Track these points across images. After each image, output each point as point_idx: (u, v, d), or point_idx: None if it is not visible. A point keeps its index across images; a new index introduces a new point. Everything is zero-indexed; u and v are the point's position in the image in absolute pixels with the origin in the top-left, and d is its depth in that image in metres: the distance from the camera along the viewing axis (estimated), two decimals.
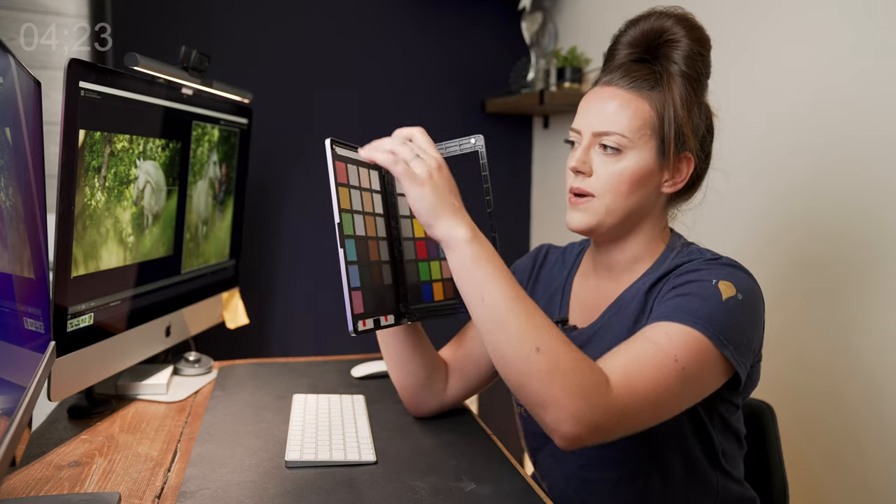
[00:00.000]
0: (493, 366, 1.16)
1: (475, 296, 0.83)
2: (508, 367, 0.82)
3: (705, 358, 0.85)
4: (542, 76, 2.08)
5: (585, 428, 0.79)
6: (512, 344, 0.81)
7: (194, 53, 1.33)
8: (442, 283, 1.07)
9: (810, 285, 1.35)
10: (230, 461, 0.98)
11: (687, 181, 0.98)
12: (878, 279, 1.22)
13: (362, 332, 0.89)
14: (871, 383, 1.23)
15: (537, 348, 0.79)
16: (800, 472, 1.32)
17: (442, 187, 0.86)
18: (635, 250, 1.00)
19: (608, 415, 0.80)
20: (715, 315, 0.86)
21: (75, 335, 1.07)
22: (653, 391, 0.82)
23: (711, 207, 1.05)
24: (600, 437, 0.81)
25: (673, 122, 0.94)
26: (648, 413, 0.84)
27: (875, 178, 1.22)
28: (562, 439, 0.80)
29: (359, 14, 2.09)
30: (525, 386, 0.80)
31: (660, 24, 0.96)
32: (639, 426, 0.85)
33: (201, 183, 1.45)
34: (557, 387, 0.78)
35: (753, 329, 0.90)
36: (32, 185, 0.88)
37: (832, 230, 1.30)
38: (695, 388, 0.87)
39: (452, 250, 0.85)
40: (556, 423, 0.79)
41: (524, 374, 0.80)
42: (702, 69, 0.96)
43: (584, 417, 0.78)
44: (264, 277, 2.07)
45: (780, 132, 1.41)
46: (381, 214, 0.98)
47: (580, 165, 0.96)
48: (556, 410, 0.79)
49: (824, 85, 1.31)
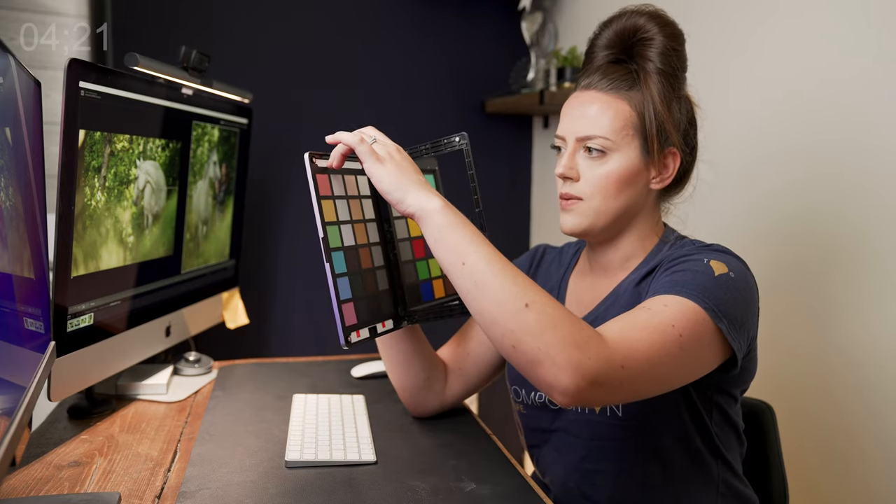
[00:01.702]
0: (492, 365, 1.16)
1: (455, 262, 0.81)
2: (497, 327, 0.78)
3: (702, 329, 0.84)
4: (542, 76, 2.08)
5: (584, 379, 0.75)
6: (499, 303, 0.78)
7: (194, 53, 1.33)
8: (442, 279, 1.07)
9: (804, 280, 1.35)
10: (230, 461, 0.98)
11: (675, 175, 1.00)
12: (875, 276, 1.22)
13: (356, 342, 0.88)
14: (868, 381, 1.23)
15: (525, 304, 0.77)
16: (797, 470, 1.32)
17: (405, 165, 0.87)
18: (629, 248, 1.02)
19: (607, 367, 0.76)
20: (708, 288, 0.86)
21: (75, 335, 1.07)
22: (652, 353, 0.80)
23: (703, 200, 1.06)
24: (603, 394, 0.78)
25: (654, 120, 0.96)
26: (649, 376, 0.81)
27: (869, 175, 1.22)
28: (562, 395, 0.76)
29: (359, 14, 2.09)
30: (517, 346, 0.77)
31: (632, 23, 0.98)
32: (640, 391, 0.82)
33: (201, 183, 1.45)
34: (550, 337, 0.75)
35: (746, 308, 0.90)
36: (32, 185, 0.88)
37: (831, 228, 1.30)
38: (692, 359, 0.85)
39: (426, 221, 0.83)
40: (554, 376, 0.75)
41: (515, 332, 0.77)
42: (677, 64, 0.97)
43: (581, 366, 0.75)
44: (264, 277, 2.07)
45: (778, 132, 1.41)
46: (372, 220, 0.98)
47: (567, 171, 0.98)
48: (552, 364, 0.75)
49: (821, 79, 1.31)
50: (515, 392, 1.09)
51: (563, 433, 1.02)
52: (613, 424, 0.97)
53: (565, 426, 1.02)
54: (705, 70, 1.50)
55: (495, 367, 1.17)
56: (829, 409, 1.30)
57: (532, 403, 1.05)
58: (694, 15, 1.59)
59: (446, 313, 1.02)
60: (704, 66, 0.95)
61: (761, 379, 1.06)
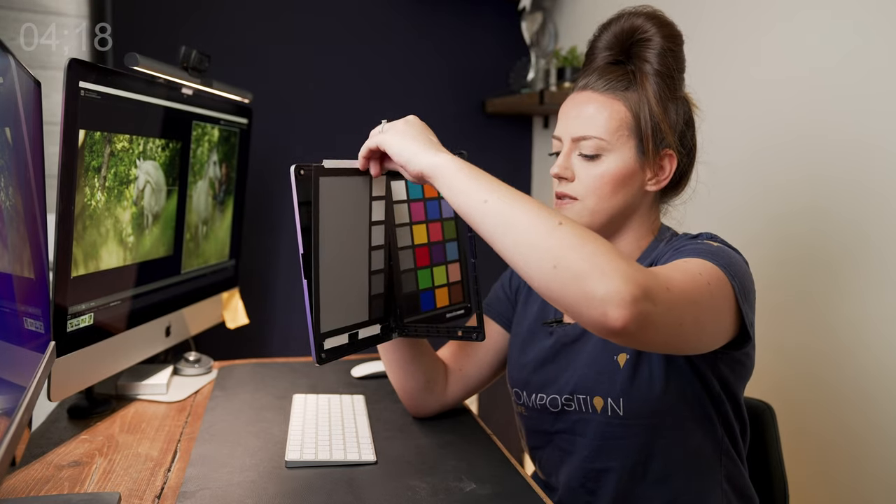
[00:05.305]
0: (493, 366, 1.16)
1: (476, 203, 0.77)
2: (534, 250, 0.73)
3: (723, 284, 0.83)
4: (542, 76, 2.08)
5: (637, 286, 0.69)
6: (531, 226, 0.74)
7: (194, 53, 1.33)
8: (447, 287, 1.06)
9: (803, 280, 1.35)
10: (230, 461, 0.98)
11: (672, 177, 1.00)
12: (875, 276, 1.22)
13: (330, 350, 0.89)
14: (869, 381, 1.23)
15: (559, 222, 0.73)
16: (797, 470, 1.32)
17: (412, 132, 0.86)
18: (626, 248, 1.02)
19: (654, 282, 0.72)
20: (715, 252, 0.87)
21: (75, 335, 1.07)
22: (690, 288, 0.78)
23: (700, 200, 1.06)
24: (655, 314, 0.71)
25: (649, 121, 0.96)
26: (690, 311, 0.77)
27: (869, 175, 1.22)
28: (618, 306, 0.68)
29: (359, 14, 2.09)
30: (558, 263, 0.71)
31: (630, 24, 0.98)
32: (684, 326, 0.77)
33: (201, 183, 1.45)
34: (593, 248, 0.71)
35: (749, 283, 0.89)
36: (32, 185, 0.88)
37: (831, 228, 1.30)
38: (719, 311, 0.83)
39: (438, 176, 0.81)
40: (606, 287, 0.69)
41: (553, 249, 0.71)
42: (674, 65, 0.97)
43: (630, 275, 0.69)
44: (264, 277, 2.07)
45: (777, 132, 1.41)
46: (378, 222, 0.97)
47: (562, 171, 0.98)
48: (601, 273, 0.69)
49: (821, 80, 1.31)
50: (517, 394, 1.09)
51: (565, 434, 1.02)
52: (615, 424, 0.96)
53: (567, 427, 1.02)
54: (705, 71, 1.50)
55: (496, 369, 1.17)
56: (829, 408, 1.30)
57: (533, 405, 1.05)
58: (693, 16, 1.59)
59: (443, 332, 1.02)
60: (704, 67, 0.96)
61: (761, 379, 1.06)
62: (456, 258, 1.08)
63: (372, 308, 0.96)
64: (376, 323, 0.97)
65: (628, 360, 0.95)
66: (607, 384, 0.96)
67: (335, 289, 0.90)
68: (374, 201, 0.96)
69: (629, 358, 0.95)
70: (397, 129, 0.87)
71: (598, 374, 0.97)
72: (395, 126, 0.88)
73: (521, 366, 1.08)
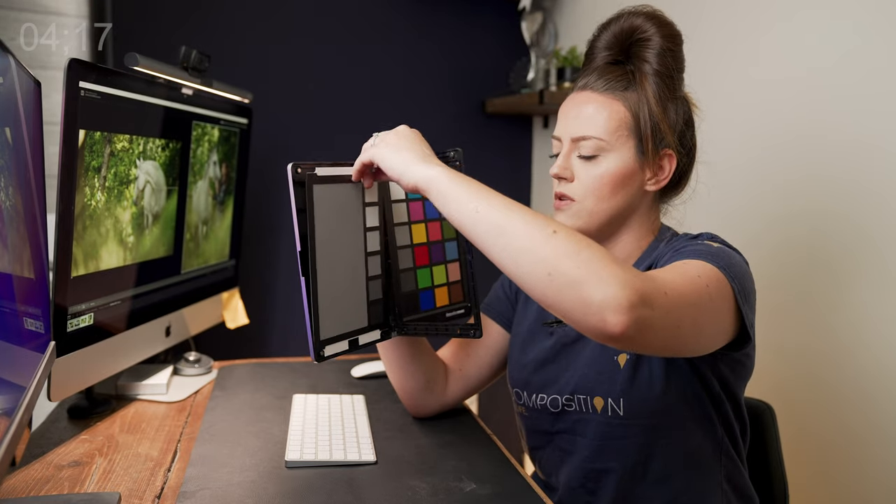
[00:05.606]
0: (493, 366, 1.16)
1: (469, 212, 0.77)
2: (528, 256, 0.73)
3: (722, 286, 0.83)
4: (542, 76, 2.08)
5: (634, 292, 0.69)
6: (525, 234, 0.74)
7: (194, 53, 1.33)
8: (447, 287, 1.06)
9: (804, 280, 1.35)
10: (230, 461, 0.98)
11: (672, 177, 0.99)
12: (875, 276, 1.22)
13: (329, 356, 0.89)
14: (870, 381, 1.23)
15: (553, 230, 0.73)
16: (797, 470, 1.32)
17: (404, 144, 0.86)
18: (625, 248, 1.01)
19: (651, 286, 0.72)
20: (715, 253, 0.86)
21: (75, 335, 1.07)
22: (688, 291, 0.78)
23: (700, 200, 1.06)
24: (653, 318, 0.71)
25: (649, 120, 0.96)
26: (688, 314, 0.77)
27: (869, 175, 1.22)
28: (615, 311, 0.69)
29: (358, 14, 2.09)
30: (553, 272, 0.71)
31: (630, 24, 0.98)
32: (682, 329, 0.77)
33: (201, 183, 1.45)
34: (589, 254, 0.71)
35: (750, 283, 0.89)
36: (32, 185, 0.88)
37: (831, 229, 1.30)
38: (718, 313, 0.83)
39: (431, 188, 0.81)
40: (603, 292, 0.69)
41: (549, 258, 0.72)
42: (673, 65, 0.97)
43: (627, 280, 0.70)
44: (264, 277, 2.07)
45: (776, 132, 1.41)
46: (373, 228, 0.97)
47: (561, 171, 0.98)
48: (598, 280, 0.69)
49: (820, 80, 1.31)
50: (517, 395, 1.09)
51: (565, 434, 1.02)
52: (616, 424, 0.97)
53: (567, 427, 1.02)
54: (704, 70, 1.50)
55: (496, 369, 1.17)
56: (829, 409, 1.30)
57: (534, 406, 1.05)
58: (692, 16, 1.59)
59: (442, 331, 1.02)
60: (703, 67, 0.96)
61: (761, 379, 1.06)
62: (455, 257, 1.08)
63: (371, 314, 0.96)
64: (376, 329, 0.97)
65: (628, 360, 0.95)
66: (607, 384, 0.96)
67: (333, 295, 0.90)
68: (367, 207, 0.96)
69: (629, 358, 0.95)
70: (389, 143, 0.87)
71: (599, 375, 0.97)
72: (387, 139, 0.88)
73: (521, 366, 1.08)
